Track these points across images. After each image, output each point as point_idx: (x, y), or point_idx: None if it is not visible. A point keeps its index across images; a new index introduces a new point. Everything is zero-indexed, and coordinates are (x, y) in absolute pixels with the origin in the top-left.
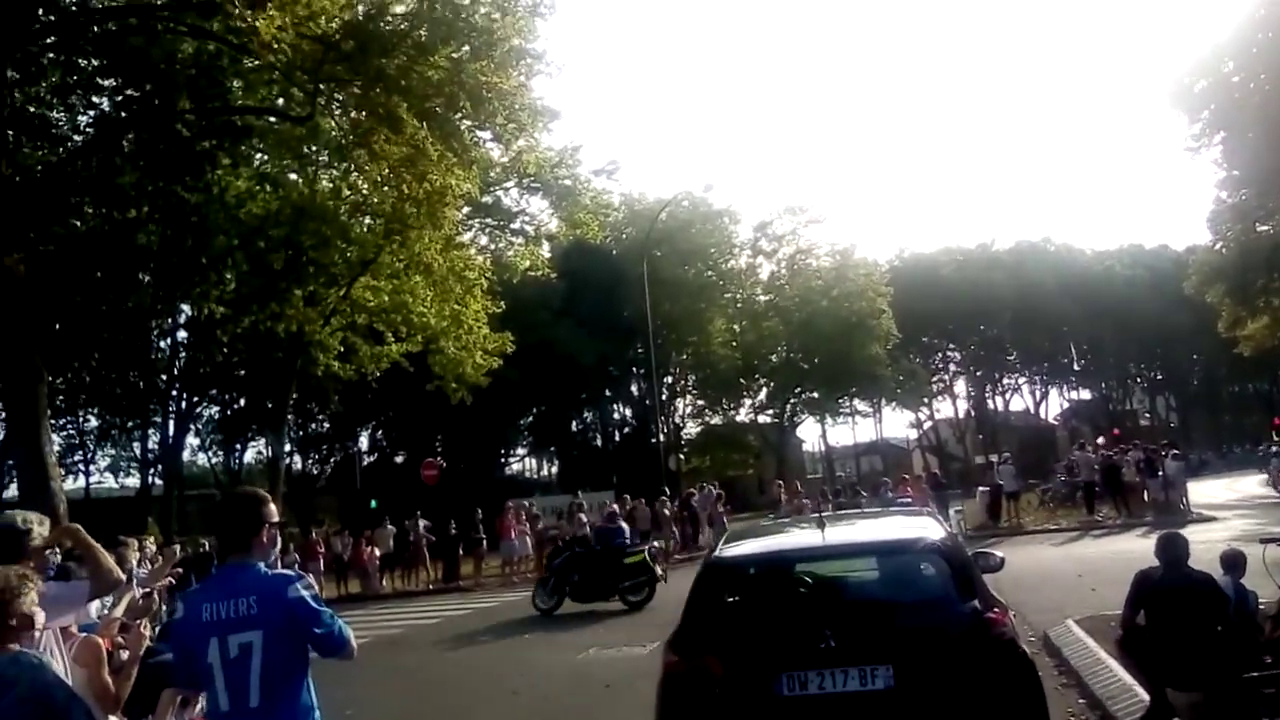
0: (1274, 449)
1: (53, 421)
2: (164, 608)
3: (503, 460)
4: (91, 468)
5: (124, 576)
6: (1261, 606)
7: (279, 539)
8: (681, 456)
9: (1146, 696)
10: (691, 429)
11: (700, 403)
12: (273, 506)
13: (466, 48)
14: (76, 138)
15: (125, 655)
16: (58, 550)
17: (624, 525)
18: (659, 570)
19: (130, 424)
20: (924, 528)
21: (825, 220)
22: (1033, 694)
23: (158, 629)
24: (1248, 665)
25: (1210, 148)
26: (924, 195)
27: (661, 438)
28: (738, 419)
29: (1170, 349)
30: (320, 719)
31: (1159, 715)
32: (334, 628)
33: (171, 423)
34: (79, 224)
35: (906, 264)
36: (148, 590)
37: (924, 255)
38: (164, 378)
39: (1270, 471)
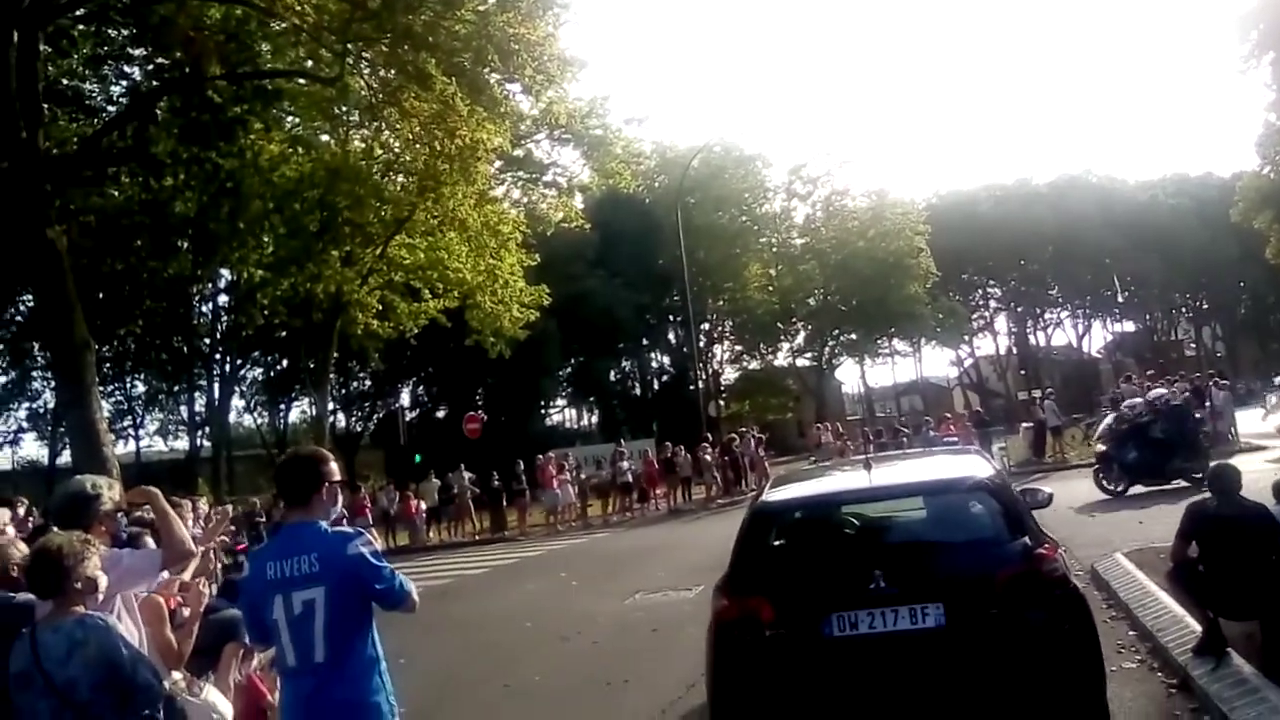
0: None
1: (101, 388)
2: (218, 565)
3: (543, 411)
4: (141, 432)
5: (196, 550)
6: None
7: (340, 496)
8: (721, 402)
9: (1197, 627)
10: (730, 374)
11: (738, 348)
12: (334, 465)
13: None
14: (110, 108)
15: (186, 613)
16: (123, 515)
17: None
18: None
19: (177, 388)
20: (971, 466)
21: (860, 161)
22: (1085, 629)
23: (214, 586)
24: None
25: (1259, 68)
26: (961, 132)
27: (700, 384)
28: (776, 363)
29: (1216, 278)
30: (386, 669)
31: (1213, 645)
32: (394, 583)
33: (217, 385)
34: (117, 194)
35: (944, 201)
36: (204, 549)
37: (962, 192)
38: (207, 342)
39: None
